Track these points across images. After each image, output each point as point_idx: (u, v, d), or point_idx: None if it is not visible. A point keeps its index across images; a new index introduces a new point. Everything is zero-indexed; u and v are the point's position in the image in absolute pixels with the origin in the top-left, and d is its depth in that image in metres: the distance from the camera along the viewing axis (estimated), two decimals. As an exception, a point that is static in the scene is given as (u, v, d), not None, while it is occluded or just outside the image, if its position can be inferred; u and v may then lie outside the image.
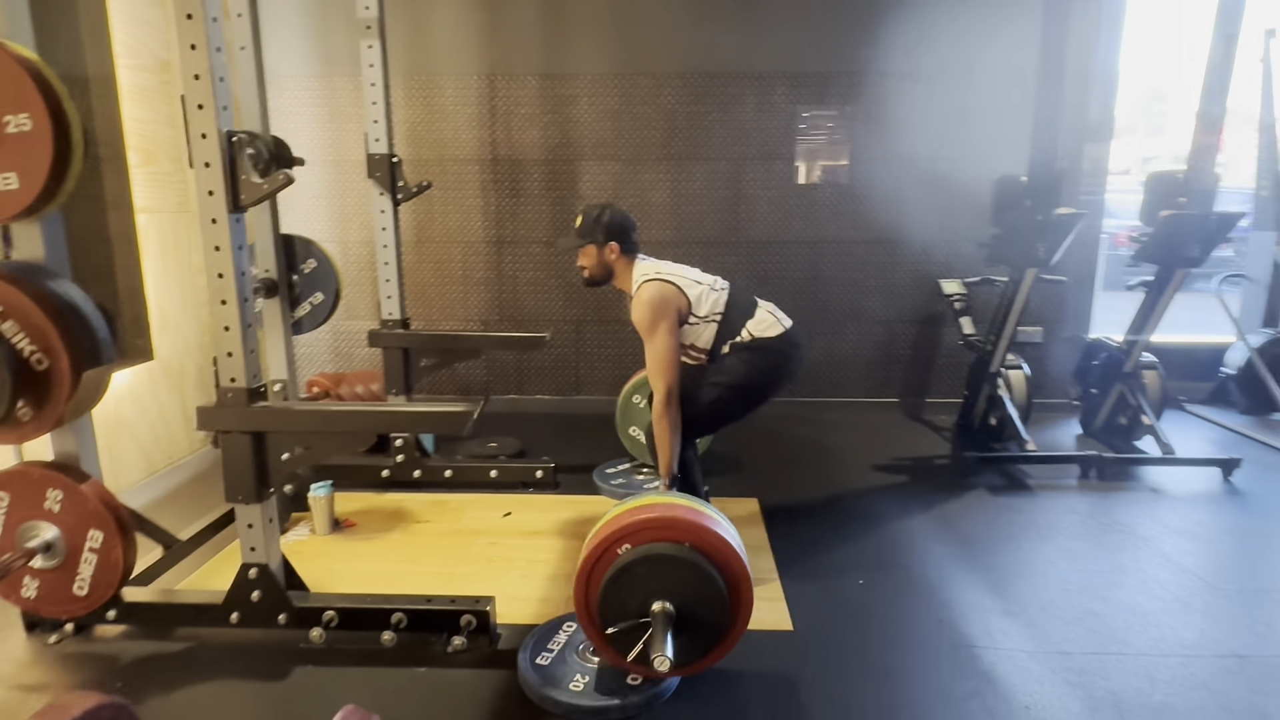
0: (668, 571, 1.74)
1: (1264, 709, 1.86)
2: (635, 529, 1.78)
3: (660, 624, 1.71)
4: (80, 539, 1.94)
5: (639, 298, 2.52)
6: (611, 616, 1.77)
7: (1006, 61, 3.94)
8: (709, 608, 1.76)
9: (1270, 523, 2.96)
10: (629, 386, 3.35)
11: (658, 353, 2.47)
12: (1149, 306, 3.51)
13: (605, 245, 2.58)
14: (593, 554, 1.80)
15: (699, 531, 1.76)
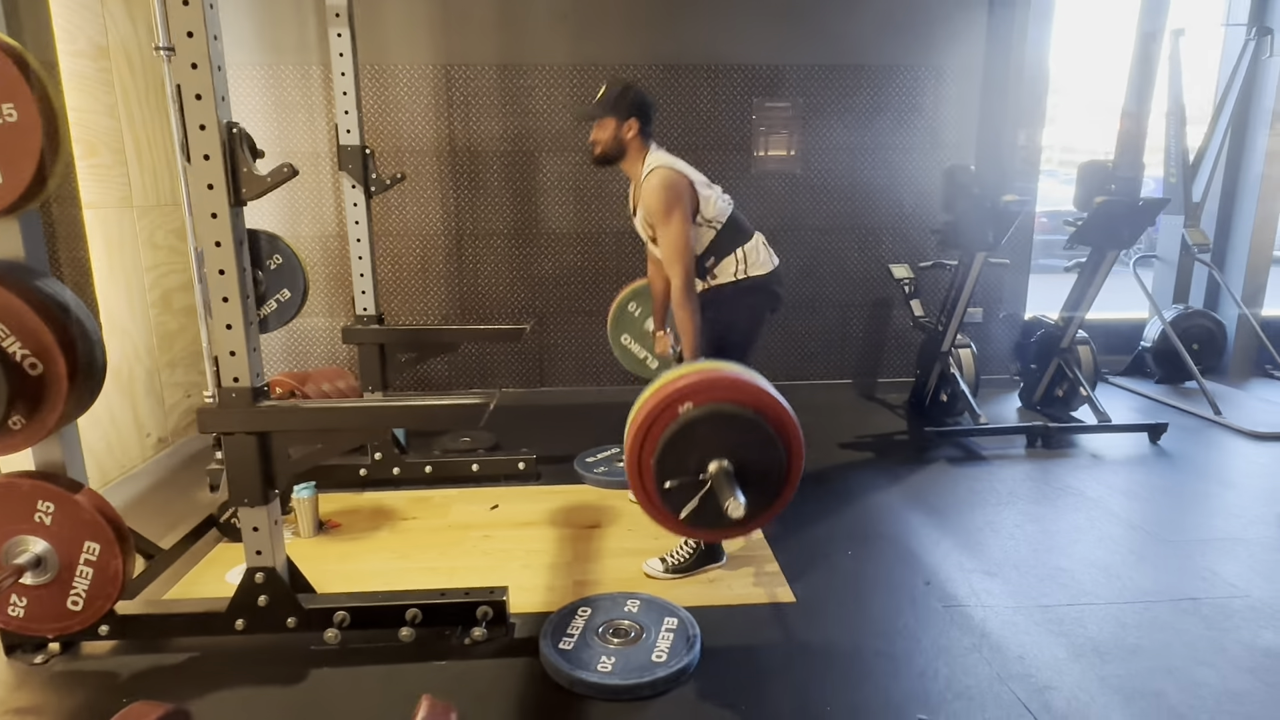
0: (730, 431, 1.73)
1: (1220, 644, 2.08)
2: (699, 388, 1.74)
3: (723, 479, 1.70)
4: (74, 552, 1.85)
5: (652, 182, 2.39)
6: (668, 473, 1.74)
7: (953, 57, 4.16)
8: (765, 470, 1.75)
9: (1198, 480, 3.26)
10: (624, 294, 3.26)
11: (675, 237, 2.36)
12: (1083, 286, 3.78)
13: (625, 121, 2.45)
14: (652, 412, 1.75)
15: (760, 395, 1.75)
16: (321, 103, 3.94)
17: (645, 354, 3.28)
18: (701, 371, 1.81)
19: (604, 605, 2.18)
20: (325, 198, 4.04)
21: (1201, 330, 4.57)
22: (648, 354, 3.28)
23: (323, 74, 3.91)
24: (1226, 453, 3.57)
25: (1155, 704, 1.83)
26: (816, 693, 1.87)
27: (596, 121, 2.49)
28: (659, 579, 2.41)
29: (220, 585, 2.40)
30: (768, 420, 1.74)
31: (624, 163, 2.53)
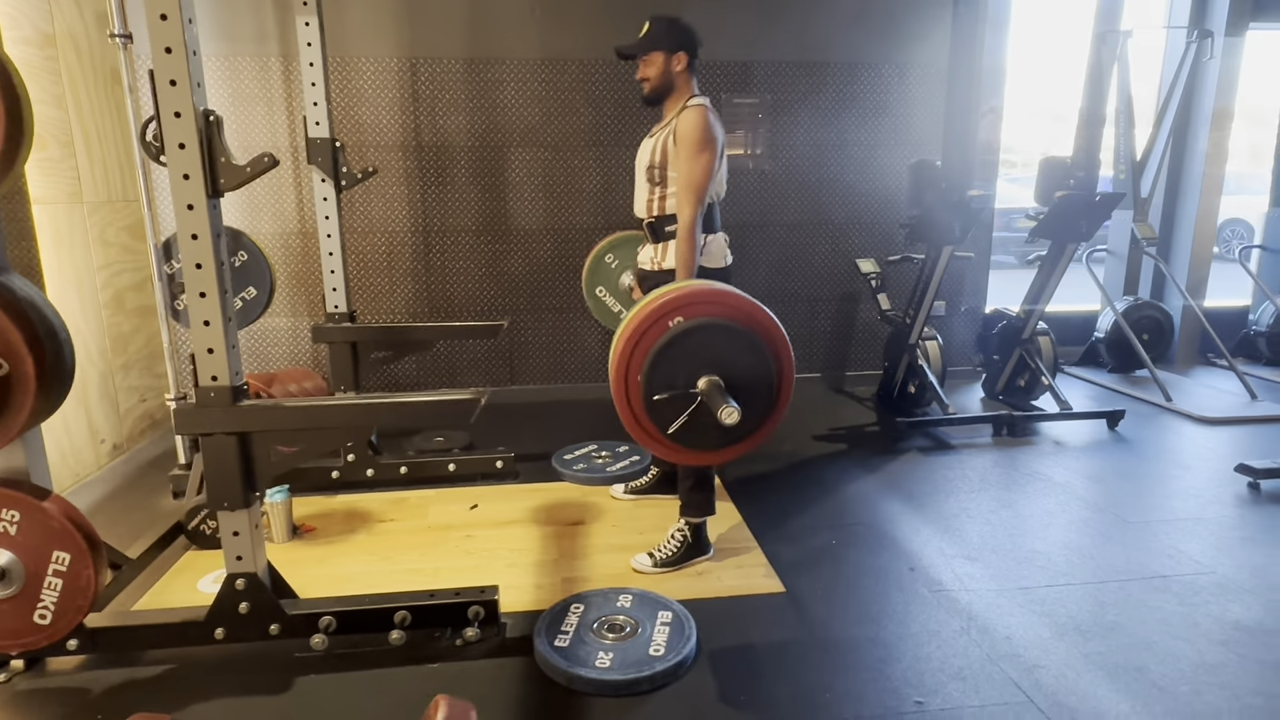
0: (722, 345, 1.71)
1: (1192, 619, 2.16)
2: (691, 299, 1.72)
3: (715, 391, 1.69)
4: (42, 562, 1.75)
5: (698, 113, 2.30)
6: (657, 388, 1.72)
7: (917, 54, 4.24)
8: (757, 385, 1.73)
9: (1156, 463, 3.39)
10: (602, 246, 3.21)
11: (700, 172, 2.28)
12: (1044, 278, 3.90)
13: (674, 54, 2.36)
14: (642, 324, 1.73)
15: (752, 310, 1.75)
16: (281, 95, 3.82)
17: (619, 308, 3.24)
18: (692, 287, 1.80)
19: (596, 601, 2.16)
20: (285, 194, 3.92)
21: (1150, 321, 4.75)
22: (621, 308, 3.24)
23: (282, 65, 3.79)
24: (1180, 437, 3.72)
25: (1138, 678, 1.89)
26: (813, 680, 1.88)
27: (642, 59, 2.41)
28: (648, 573, 2.40)
29: (192, 594, 2.31)
30: (760, 334, 1.74)
31: (667, 101, 2.44)
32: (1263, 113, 5.55)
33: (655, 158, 2.40)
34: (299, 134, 3.86)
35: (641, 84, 2.46)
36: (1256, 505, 2.92)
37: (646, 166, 2.44)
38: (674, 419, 1.73)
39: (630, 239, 3.12)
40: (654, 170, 2.40)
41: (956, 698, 1.81)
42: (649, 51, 2.41)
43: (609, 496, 3.00)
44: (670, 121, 2.38)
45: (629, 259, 3.09)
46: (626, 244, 3.11)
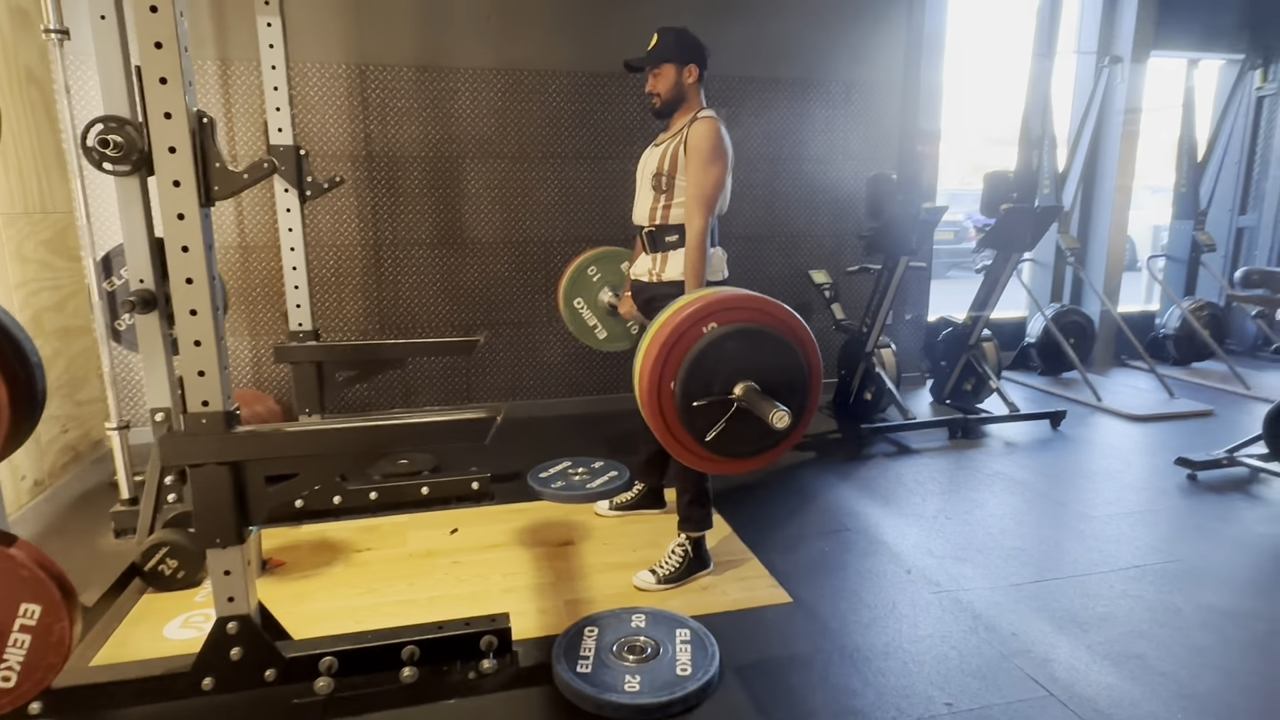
0: (757, 349, 1.70)
1: (1173, 604, 2.29)
2: (723, 306, 1.71)
3: (756, 396, 1.68)
4: (6, 618, 1.54)
5: (707, 126, 2.30)
6: (692, 393, 1.69)
7: (861, 73, 4.38)
8: (791, 390, 1.73)
9: (1101, 459, 3.59)
10: (586, 257, 3.13)
11: (713, 182, 2.28)
12: (989, 286, 4.09)
13: (685, 66, 2.36)
14: (675, 331, 1.69)
15: (783, 315, 1.75)
16: (218, 100, 3.59)
17: (595, 322, 3.16)
18: (724, 293, 1.78)
19: (610, 623, 2.09)
20: (224, 206, 3.67)
21: (1075, 326, 5.06)
22: (598, 322, 3.16)
23: (219, 70, 3.56)
24: (1115, 434, 3.96)
25: (1141, 665, 1.98)
26: (842, 688, 1.88)
27: (652, 72, 2.38)
28: (652, 591, 2.35)
29: (159, 642, 2.10)
30: (793, 339, 1.74)
31: (677, 114, 2.41)
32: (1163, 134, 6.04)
33: (664, 165, 2.36)
34: (237, 141, 3.64)
35: (651, 97, 2.44)
36: (1199, 495, 3.13)
37: (653, 174, 2.40)
38: (709, 427, 1.70)
39: (614, 254, 3.07)
40: (660, 178, 2.37)
41: (982, 697, 1.85)
42: (660, 64, 2.39)
43: (593, 514, 2.93)
44: (681, 131, 2.35)
45: (611, 273, 3.04)
46: (610, 258, 3.05)
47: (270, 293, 3.76)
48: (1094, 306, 5.27)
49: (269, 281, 3.76)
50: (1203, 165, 5.29)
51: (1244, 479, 3.29)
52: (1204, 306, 5.31)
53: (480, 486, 3.01)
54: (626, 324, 3.07)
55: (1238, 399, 4.61)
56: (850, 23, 4.33)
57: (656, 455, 2.87)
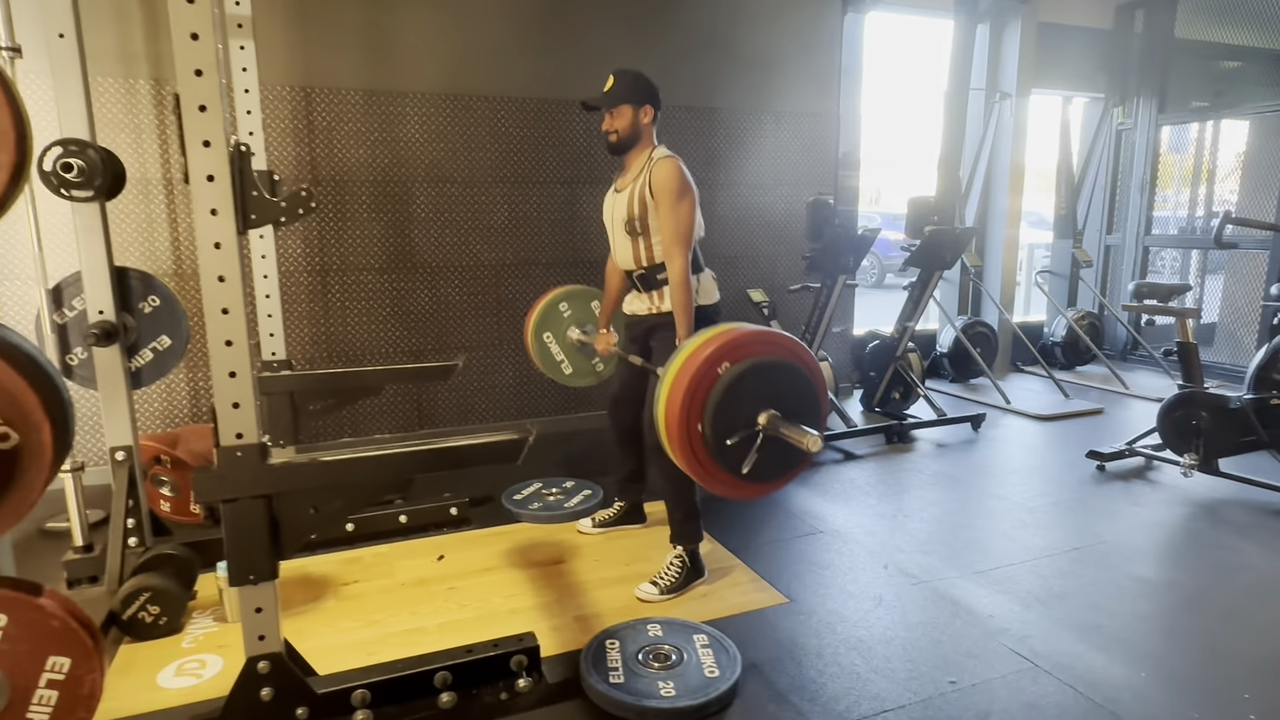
0: (771, 380, 1.81)
1: (1113, 580, 2.58)
2: (732, 345, 1.81)
3: (780, 423, 1.79)
4: (33, 673, 1.45)
5: (670, 166, 2.41)
6: (721, 431, 1.78)
7: (790, 105, 4.67)
8: (806, 410, 1.85)
9: (1023, 455, 3.96)
10: (558, 293, 3.16)
11: (685, 218, 2.40)
12: (914, 301, 4.43)
13: (642, 107, 2.47)
14: (694, 378, 1.78)
15: (784, 342, 1.87)
16: (151, 122, 3.41)
17: (563, 357, 3.21)
18: (724, 333, 1.88)
19: (628, 634, 2.15)
20: (159, 231, 3.48)
21: (981, 336, 5.54)
22: (565, 358, 3.21)
23: (153, 89, 3.39)
24: (1027, 433, 4.38)
25: (1101, 634, 2.24)
26: (856, 675, 2.03)
27: (609, 111, 2.47)
28: (655, 601, 2.42)
29: (154, 693, 1.98)
30: (800, 364, 1.87)
31: (631, 153, 2.52)
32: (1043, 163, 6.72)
33: (633, 210, 2.48)
34: (172, 165, 3.47)
35: (608, 135, 2.54)
36: (1109, 483, 3.53)
37: (624, 220, 2.51)
38: (741, 460, 1.81)
39: (584, 292, 3.14)
40: (634, 223, 2.49)
41: (979, 673, 2.04)
42: (617, 105, 2.50)
43: (576, 533, 2.97)
44: (641, 174, 2.47)
45: (581, 310, 3.11)
46: (580, 296, 3.12)
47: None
48: (994, 317, 5.78)
49: (208, 310, 3.58)
50: (1077, 190, 5.94)
51: (1142, 467, 3.73)
52: (1085, 316, 5.94)
53: (459, 512, 3.03)
54: (592, 361, 3.16)
55: (1119, 397, 5.18)
56: (781, 57, 4.61)
57: (635, 472, 2.95)
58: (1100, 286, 6.34)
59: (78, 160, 2.27)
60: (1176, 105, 6.08)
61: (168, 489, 2.96)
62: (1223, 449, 3.34)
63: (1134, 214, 6.23)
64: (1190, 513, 3.19)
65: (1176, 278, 6.86)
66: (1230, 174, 6.85)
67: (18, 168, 1.31)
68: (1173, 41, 5.96)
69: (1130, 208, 6.27)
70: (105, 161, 2.33)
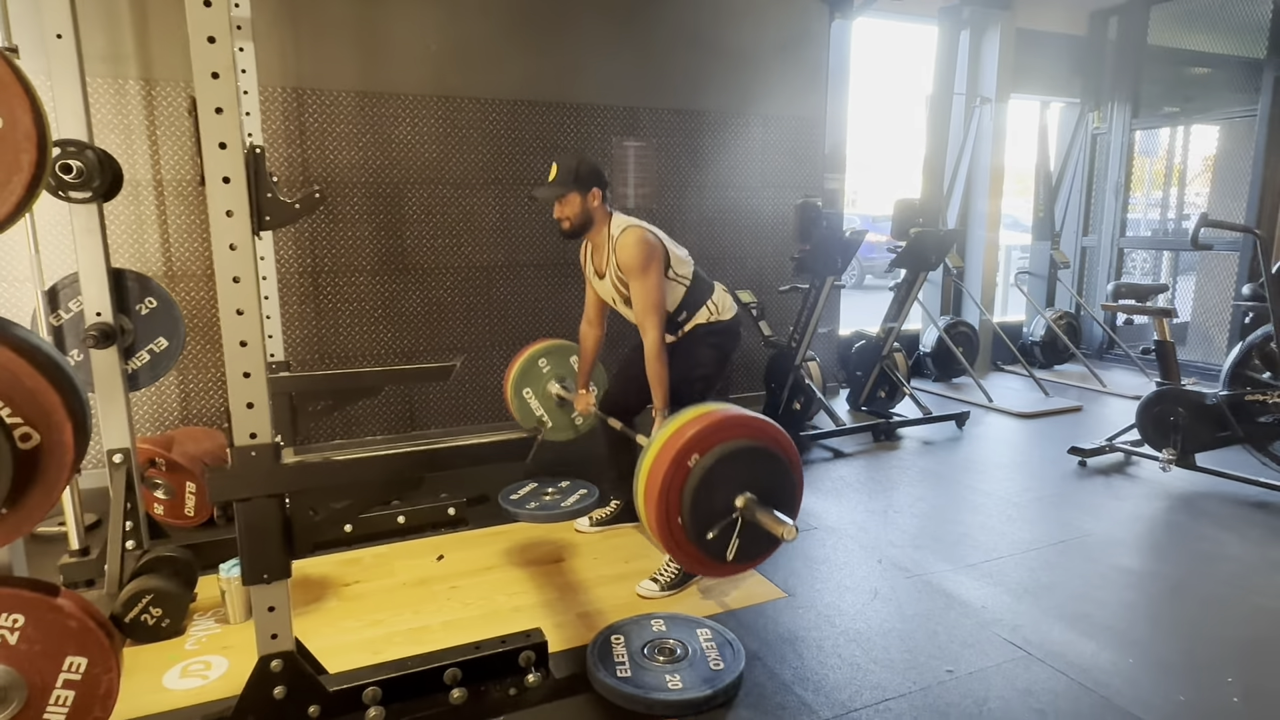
0: (742, 463, 1.86)
1: (1098, 571, 2.66)
2: (699, 438, 1.85)
3: (757, 508, 1.83)
4: (50, 673, 1.46)
5: (629, 239, 2.52)
6: (701, 522, 1.84)
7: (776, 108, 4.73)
8: (779, 484, 1.91)
9: (1006, 452, 4.05)
10: (536, 349, 3.22)
11: (650, 291, 2.50)
12: (900, 302, 4.51)
13: (589, 192, 2.54)
14: (666, 474, 1.83)
15: (749, 422, 1.92)
16: (142, 123, 3.39)
17: (543, 412, 3.26)
18: (690, 422, 1.93)
19: (633, 630, 2.18)
20: (149, 233, 3.46)
21: (963, 335, 5.64)
22: (544, 413, 3.27)
23: (143, 90, 3.37)
24: (1009, 430, 4.47)
25: (1090, 622, 2.31)
26: (857, 666, 2.08)
27: (558, 199, 2.55)
28: (656, 598, 2.46)
29: (161, 694, 1.98)
30: (765, 440, 1.93)
31: (590, 233, 2.63)
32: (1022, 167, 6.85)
33: (621, 291, 2.64)
34: (163, 166, 3.45)
35: (560, 222, 2.61)
36: (1090, 478, 3.62)
37: (617, 300, 2.68)
38: (724, 545, 1.87)
39: (563, 348, 3.20)
40: (623, 296, 2.64)
41: (975, 661, 2.10)
42: (564, 194, 2.57)
43: (573, 531, 3.00)
44: (609, 255, 2.60)
45: (560, 366, 3.19)
46: (560, 352, 3.17)
47: (199, 324, 3.57)
48: (975, 318, 5.90)
49: (198, 313, 3.56)
50: (1055, 193, 6.07)
51: (1121, 462, 3.83)
52: (1063, 316, 6.07)
53: (456, 512, 3.03)
54: (571, 415, 3.21)
55: (1097, 395, 5.30)
56: (766, 60, 4.67)
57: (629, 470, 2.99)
58: (1077, 287, 6.49)
59: (77, 161, 2.25)
60: (1149, 110, 6.24)
61: (162, 492, 2.95)
62: (1200, 444, 3.44)
63: (1109, 216, 6.38)
64: (1170, 506, 3.29)
65: (1149, 278, 7.03)
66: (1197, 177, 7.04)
67: (39, 167, 1.32)
68: (1145, 48, 6.12)
69: (1105, 210, 6.43)
70: (104, 162, 2.32)
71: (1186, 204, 6.82)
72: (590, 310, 2.91)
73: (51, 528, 2.93)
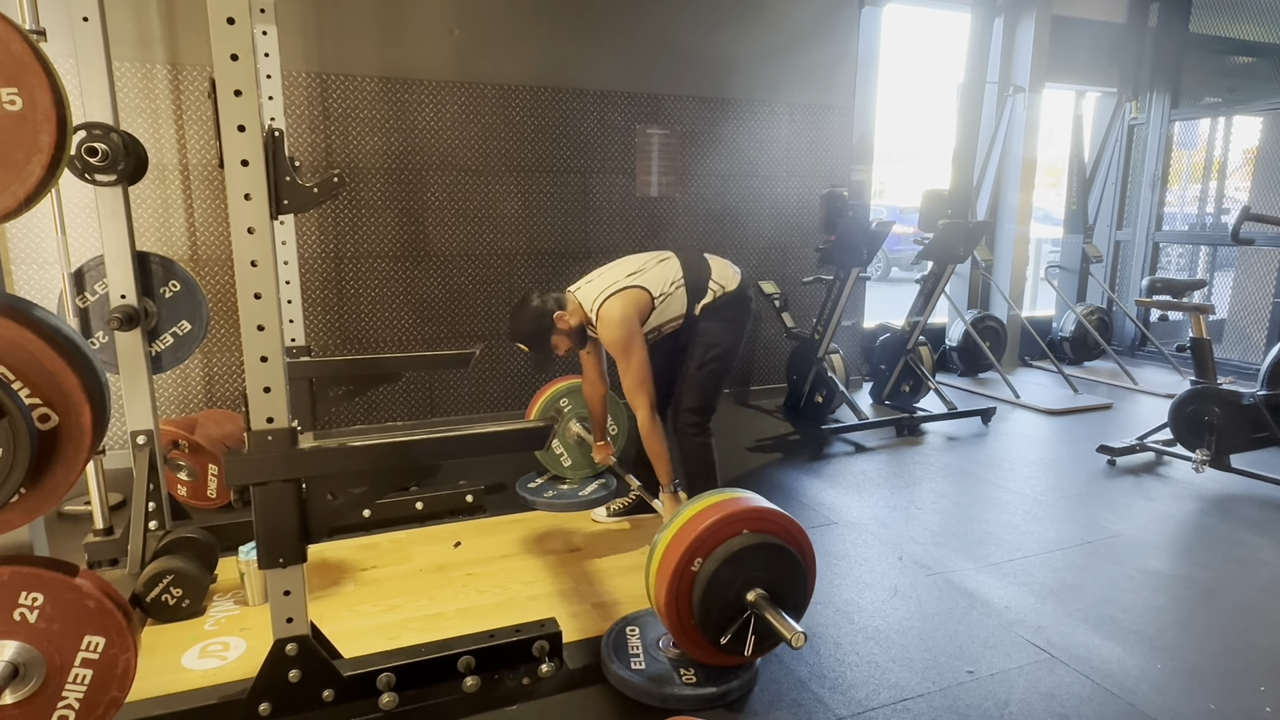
0: (749, 560, 1.85)
1: (1127, 573, 2.59)
2: (700, 541, 1.84)
3: (766, 608, 1.81)
4: (69, 652, 1.47)
5: (606, 320, 2.53)
6: (714, 623, 1.83)
7: (804, 97, 4.66)
8: (788, 575, 1.89)
9: (1033, 449, 3.97)
10: (557, 389, 3.22)
11: (636, 369, 2.52)
12: (927, 294, 4.44)
13: (554, 327, 2.54)
14: (672, 582, 1.83)
15: (749, 515, 1.89)
16: (168, 108, 3.41)
17: (563, 451, 3.25)
18: (689, 522, 1.90)
19: (649, 621, 2.17)
20: (175, 217, 3.49)
21: (990, 330, 5.54)
22: (564, 451, 3.26)
23: (170, 74, 3.39)
24: (1037, 427, 4.39)
25: (1116, 626, 2.25)
26: (874, 664, 2.04)
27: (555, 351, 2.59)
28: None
29: (180, 674, 2.00)
30: (772, 534, 1.89)
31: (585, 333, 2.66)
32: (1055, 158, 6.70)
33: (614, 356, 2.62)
34: (189, 150, 3.47)
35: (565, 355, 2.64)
36: (1119, 477, 3.54)
37: None
38: (741, 643, 1.84)
39: None
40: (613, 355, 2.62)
41: (996, 663, 2.06)
42: (546, 346, 2.58)
43: (590, 521, 2.99)
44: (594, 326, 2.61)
45: (580, 406, 3.16)
46: (580, 392, 3.14)
47: (223, 308, 3.60)
48: (1003, 312, 5.78)
49: (221, 297, 3.59)
50: (1089, 185, 5.93)
51: (1152, 462, 3.74)
52: (1094, 311, 5.94)
53: (475, 499, 3.04)
54: (590, 454, 3.20)
55: (1128, 392, 5.18)
56: (793, 48, 4.59)
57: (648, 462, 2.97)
58: (1110, 282, 6.34)
59: (102, 144, 2.27)
60: (1190, 101, 6.06)
61: (185, 473, 2.98)
62: (1235, 445, 3.35)
63: (1145, 210, 6.22)
64: (1202, 508, 3.20)
65: (1185, 274, 6.85)
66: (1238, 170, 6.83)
67: (59, 148, 1.32)
68: (1187, 36, 5.94)
69: (1141, 203, 6.26)
70: (129, 146, 2.33)
71: (1226, 198, 6.62)
72: (589, 372, 2.91)
73: (78, 507, 2.98)
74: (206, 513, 2.98)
